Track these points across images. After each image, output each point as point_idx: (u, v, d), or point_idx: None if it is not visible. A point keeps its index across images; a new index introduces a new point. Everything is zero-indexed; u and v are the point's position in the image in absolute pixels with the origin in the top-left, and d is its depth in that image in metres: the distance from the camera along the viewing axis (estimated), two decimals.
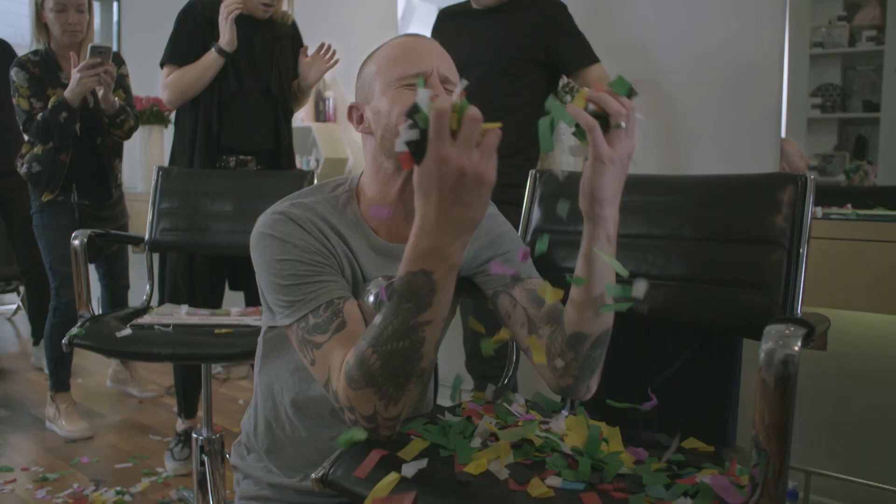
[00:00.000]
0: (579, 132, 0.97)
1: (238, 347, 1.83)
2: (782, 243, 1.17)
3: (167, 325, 1.95)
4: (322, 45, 2.54)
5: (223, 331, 1.93)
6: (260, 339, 1.32)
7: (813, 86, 2.19)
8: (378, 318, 0.98)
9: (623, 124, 0.95)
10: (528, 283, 1.23)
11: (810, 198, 1.18)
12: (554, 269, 1.37)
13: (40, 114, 2.67)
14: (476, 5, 2.32)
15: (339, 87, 3.66)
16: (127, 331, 1.87)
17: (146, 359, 1.88)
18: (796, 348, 0.85)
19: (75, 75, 2.55)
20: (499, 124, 0.88)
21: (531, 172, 1.50)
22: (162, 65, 2.52)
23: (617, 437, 1.10)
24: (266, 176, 2.44)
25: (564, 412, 1.23)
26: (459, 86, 0.88)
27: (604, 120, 0.95)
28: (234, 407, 3.26)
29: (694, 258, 1.25)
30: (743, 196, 1.24)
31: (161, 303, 2.47)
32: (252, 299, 2.61)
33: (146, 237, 2.35)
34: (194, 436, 2.02)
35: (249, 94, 2.50)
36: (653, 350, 1.35)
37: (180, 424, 2.68)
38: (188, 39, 2.49)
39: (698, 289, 1.24)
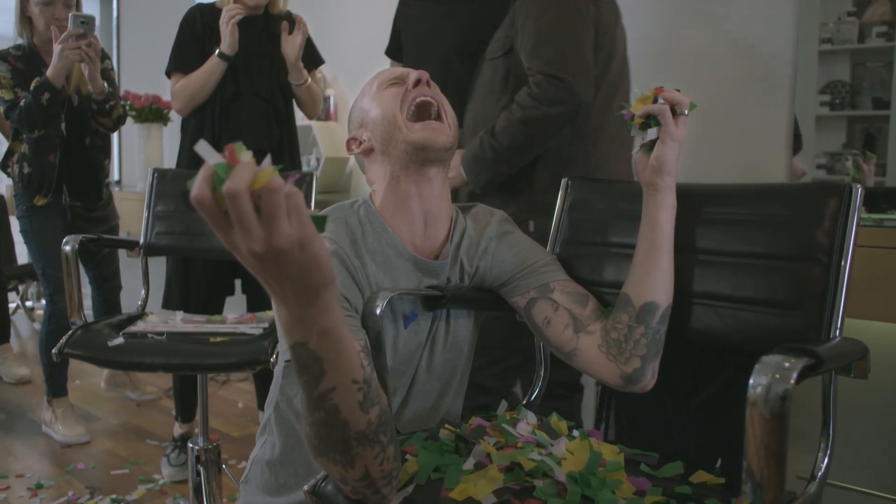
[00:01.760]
0: (644, 123, 1.20)
1: (234, 357, 1.79)
2: (821, 260, 1.08)
3: (161, 334, 1.91)
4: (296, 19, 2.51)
5: (218, 339, 1.88)
6: (278, 370, 1.30)
7: (821, 83, 2.14)
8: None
9: (686, 112, 1.17)
10: (565, 285, 1.27)
11: (856, 210, 1.08)
12: (581, 282, 1.31)
13: (23, 100, 2.57)
14: None
15: (340, 84, 3.61)
16: (119, 340, 1.83)
17: (139, 369, 1.83)
18: (793, 381, 0.80)
19: (56, 48, 2.44)
20: (271, 170, 0.69)
21: (563, 181, 1.45)
22: (168, 74, 2.52)
23: (620, 464, 1.05)
24: None
25: (576, 432, 1.19)
26: (247, 155, 0.70)
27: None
28: (232, 410, 3.22)
29: (725, 274, 1.18)
30: (779, 207, 1.15)
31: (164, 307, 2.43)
32: (254, 305, 2.57)
33: (141, 240, 2.31)
34: (190, 445, 1.97)
35: (245, 95, 2.47)
36: (687, 372, 1.29)
37: (177, 429, 2.64)
38: (190, 47, 2.49)
39: (730, 307, 1.16)
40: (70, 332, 1.90)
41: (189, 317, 2.13)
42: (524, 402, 1.39)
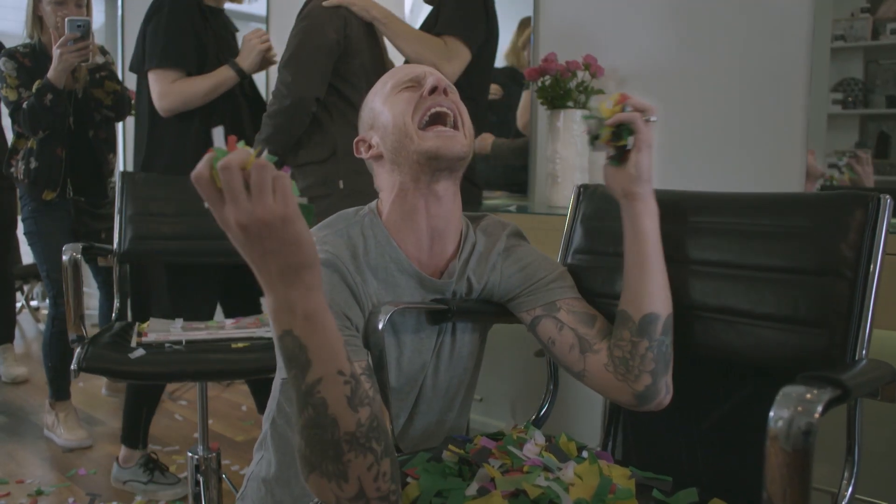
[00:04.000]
0: (616, 133, 1.13)
1: (262, 361, 1.81)
2: (846, 275, 1.01)
3: (178, 342, 1.88)
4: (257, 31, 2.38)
5: (240, 345, 1.87)
6: (276, 385, 1.26)
7: (834, 80, 2.09)
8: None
9: (653, 118, 1.13)
10: (572, 304, 1.21)
11: (885, 222, 1.01)
12: (593, 294, 1.26)
13: (26, 101, 2.58)
14: None
15: None
16: (140, 351, 1.79)
17: (169, 379, 1.82)
18: (817, 415, 0.74)
19: (56, 52, 2.46)
20: (264, 153, 0.79)
21: (575, 188, 1.40)
22: (151, 68, 2.26)
23: (631, 491, 1.00)
24: None
25: (585, 454, 1.14)
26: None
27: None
28: (236, 413, 3.19)
29: (743, 288, 1.11)
30: (802, 218, 1.08)
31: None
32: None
33: (115, 246, 2.18)
34: (189, 454, 1.94)
35: (235, 94, 2.38)
36: (701, 390, 1.23)
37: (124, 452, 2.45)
38: (184, 36, 2.26)
39: (748, 324, 1.10)
40: (82, 347, 1.83)
41: (189, 324, 2.07)
42: (532, 419, 1.34)
